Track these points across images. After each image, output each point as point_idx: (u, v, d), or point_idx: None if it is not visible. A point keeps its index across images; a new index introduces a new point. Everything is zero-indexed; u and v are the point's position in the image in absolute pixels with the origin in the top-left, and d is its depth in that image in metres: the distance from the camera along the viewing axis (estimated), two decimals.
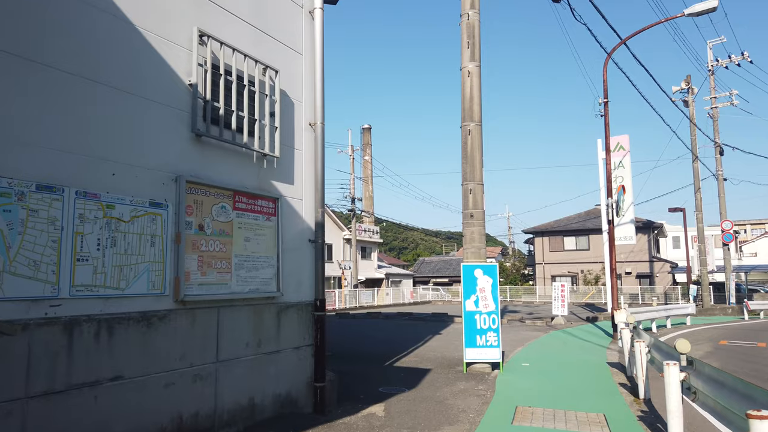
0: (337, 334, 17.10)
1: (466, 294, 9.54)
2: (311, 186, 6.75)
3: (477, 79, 10.09)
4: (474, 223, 9.78)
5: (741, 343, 14.78)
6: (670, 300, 36.17)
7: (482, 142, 9.98)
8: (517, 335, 15.99)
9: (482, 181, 9.92)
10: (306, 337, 6.50)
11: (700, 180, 30.34)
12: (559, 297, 20.79)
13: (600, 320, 21.63)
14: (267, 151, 5.98)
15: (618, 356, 11.67)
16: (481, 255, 9.83)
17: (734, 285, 30.66)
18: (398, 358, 11.31)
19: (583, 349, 13.10)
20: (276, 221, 6.12)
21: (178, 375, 4.84)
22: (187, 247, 5.01)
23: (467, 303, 9.51)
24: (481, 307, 9.49)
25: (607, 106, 16.28)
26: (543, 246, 45.76)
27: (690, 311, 21.62)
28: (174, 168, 4.99)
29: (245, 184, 5.78)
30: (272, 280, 6.00)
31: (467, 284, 9.55)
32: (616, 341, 15.00)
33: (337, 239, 42.94)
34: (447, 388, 8.14)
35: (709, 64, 32.34)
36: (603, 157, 24.84)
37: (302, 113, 6.75)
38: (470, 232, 9.81)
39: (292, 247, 6.39)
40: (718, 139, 31.53)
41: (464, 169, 9.95)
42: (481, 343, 9.42)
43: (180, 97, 5.10)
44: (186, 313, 4.97)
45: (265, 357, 5.86)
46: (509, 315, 24.88)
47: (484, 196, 10.03)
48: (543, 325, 19.63)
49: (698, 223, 30.39)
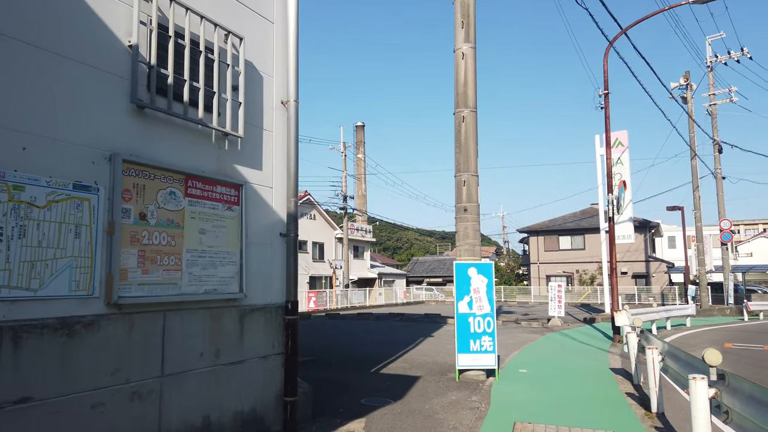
0: (323, 337, 16.28)
1: (459, 295, 8.75)
2: (283, 172, 5.93)
3: (472, 62, 9.30)
4: (468, 218, 8.98)
5: (747, 347, 14.07)
6: (666, 300, 35.56)
7: (477, 130, 9.19)
8: (512, 337, 15.23)
9: (477, 172, 9.12)
10: (275, 344, 5.67)
11: (698, 178, 29.72)
12: (555, 298, 20.07)
13: (598, 321, 20.92)
14: (229, 129, 5.15)
15: (621, 361, 10.92)
16: (475, 252, 9.03)
17: (732, 285, 30.06)
18: (386, 363, 10.50)
19: (582, 353, 12.34)
20: (239, 211, 5.30)
21: (110, 394, 4.01)
22: (123, 239, 4.19)
23: (460, 305, 8.72)
24: (476, 309, 8.70)
25: (607, 97, 15.54)
26: (538, 245, 45.10)
27: (690, 312, 20.96)
28: (108, 144, 4.16)
29: (201, 168, 4.96)
30: (234, 280, 5.17)
31: (460, 284, 8.76)
32: (617, 344, 14.27)
33: (328, 238, 42.11)
34: (437, 399, 7.34)
35: (708, 60, 31.72)
36: (602, 153, 24.16)
37: (273, 89, 5.93)
38: (464, 228, 9.01)
39: (260, 242, 5.57)
40: (717, 137, 30.92)
41: (457, 159, 9.15)
42: (475, 348, 8.63)
43: (116, 61, 4.27)
44: (121, 318, 4.14)
45: (224, 368, 5.03)
46: (504, 316, 24.14)
47: (479, 189, 9.24)
48: (539, 326, 18.89)
49: (696, 222, 29.77)
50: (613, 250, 15.61)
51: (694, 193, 29.87)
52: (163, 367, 4.45)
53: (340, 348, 13.29)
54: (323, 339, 15.65)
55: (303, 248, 39.20)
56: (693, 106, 29.81)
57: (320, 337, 16.09)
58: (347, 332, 17.67)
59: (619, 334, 14.82)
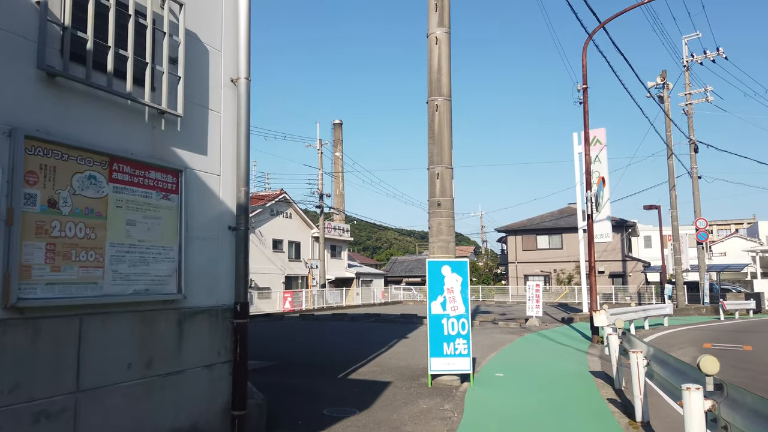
0: (293, 339, 15.61)
1: (432, 295, 8.20)
2: (232, 158, 5.30)
3: (446, 48, 8.76)
4: (441, 213, 8.44)
5: (727, 347, 13.83)
6: (643, 300, 35.65)
7: (451, 120, 8.66)
8: (489, 339, 14.77)
9: (451, 165, 8.59)
10: (222, 351, 5.04)
11: (675, 177, 29.76)
12: (533, 297, 19.71)
13: (576, 321, 20.63)
14: (165, 107, 4.51)
15: (601, 363, 10.51)
16: (449, 250, 8.50)
17: (708, 284, 30.18)
18: (356, 367, 9.91)
19: (561, 354, 11.92)
20: (178, 201, 4.65)
21: (8, 414, 3.35)
22: (26, 230, 3.52)
23: (433, 305, 8.17)
24: (449, 310, 8.16)
25: (586, 92, 15.19)
26: (516, 245, 44.97)
27: (668, 311, 20.81)
28: (7, 117, 3.49)
29: (130, 149, 4.30)
30: (170, 278, 4.53)
31: (433, 284, 8.21)
32: (595, 345, 13.91)
33: (305, 237, 41.36)
34: (407, 408, 6.78)
35: (684, 59, 31.83)
36: (580, 150, 23.94)
37: (221, 65, 5.29)
38: (437, 223, 8.47)
39: (204, 236, 4.94)
40: (693, 136, 31.03)
41: (431, 150, 8.60)
42: (448, 351, 8.09)
43: (20, 19, 3.60)
44: (23, 324, 3.48)
45: (158, 381, 4.39)
46: (481, 316, 23.74)
47: (454, 182, 8.71)
48: (517, 326, 18.49)
49: (673, 221, 29.82)
50: (592, 249, 15.27)
51: (671, 192, 29.91)
52: (79, 381, 3.79)
53: (310, 351, 12.66)
54: (293, 341, 14.99)
55: (279, 248, 38.42)
56: (669, 105, 29.87)
57: (290, 340, 15.43)
58: (319, 334, 17.03)
59: (597, 335, 14.47)
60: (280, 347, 13.43)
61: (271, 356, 11.43)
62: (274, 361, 10.52)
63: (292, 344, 14.23)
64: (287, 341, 15.00)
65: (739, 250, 49.47)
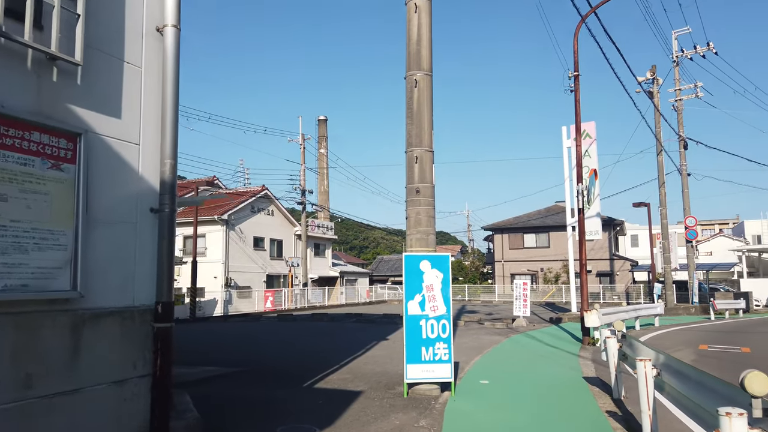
0: (264, 342, 14.57)
1: (409, 293, 7.25)
2: (155, 124, 4.29)
3: (427, 17, 7.81)
4: (420, 201, 7.49)
5: (724, 348, 13.07)
6: (631, 299, 35.08)
7: (432, 97, 7.71)
8: (474, 340, 13.87)
9: (432, 147, 7.64)
10: (138, 363, 4.04)
11: (664, 174, 29.16)
12: (520, 296, 18.87)
13: (564, 321, 19.84)
14: (56, 50, 3.50)
15: (594, 368, 9.64)
16: (429, 243, 7.55)
17: (697, 284, 29.64)
18: (326, 374, 8.93)
19: (551, 358, 11.04)
20: (75, 172, 3.64)
21: None
22: None
23: (410, 305, 7.22)
24: (428, 311, 7.22)
25: (577, 80, 14.35)
26: (502, 243, 44.24)
27: (658, 311, 20.12)
28: None
29: (1, 100, 3.29)
30: (61, 271, 3.52)
31: (410, 280, 7.26)
32: (587, 347, 13.08)
33: (288, 235, 40.25)
34: (376, 424, 5.82)
35: (674, 54, 31.24)
36: (569, 145, 23.17)
37: (142, 9, 4.29)
38: (415, 213, 7.52)
39: (115, 219, 3.93)
40: (683, 133, 30.47)
41: (409, 131, 7.65)
42: (427, 357, 7.14)
43: None
44: None
45: (42, 403, 3.38)
46: (467, 315, 22.88)
47: (435, 167, 7.77)
48: (503, 327, 17.63)
49: (662, 219, 29.21)
50: (583, 245, 14.45)
51: (660, 189, 29.29)
52: None
53: (279, 355, 11.65)
54: (263, 344, 13.97)
55: (260, 246, 37.29)
56: (659, 101, 29.24)
57: (261, 342, 14.41)
58: (294, 336, 16.02)
59: (589, 336, 13.65)
60: (249, 350, 12.41)
61: (236, 361, 10.41)
62: (237, 367, 9.50)
63: (262, 347, 13.22)
64: (258, 344, 13.98)
65: (725, 250, 49.24)
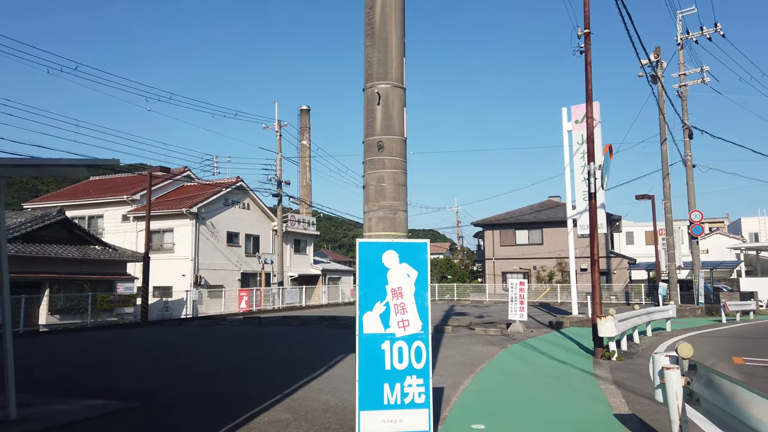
0: (199, 355, 11.97)
1: (365, 301, 4.76)
2: None
3: None
4: (385, 162, 5.00)
5: (764, 363, 10.75)
6: (630, 299, 32.94)
7: (404, 10, 5.21)
8: (464, 353, 11.42)
9: (403, 82, 5.15)
10: None
11: (668, 165, 26.97)
12: (516, 298, 16.47)
13: (566, 326, 17.50)
14: None
15: (623, 397, 7.24)
16: (396, 224, 5.07)
17: (703, 283, 27.51)
18: (257, 411, 6.41)
19: (563, 379, 8.61)
20: None
21: None
22: None
23: (366, 319, 4.74)
24: (395, 327, 4.75)
25: (588, 38, 11.96)
26: (493, 240, 41.92)
27: (671, 314, 17.92)
28: None
29: None
30: None
31: (367, 281, 4.78)
32: (601, 361, 10.70)
33: (264, 230, 37.63)
34: None
35: (678, 36, 29.04)
36: (569, 128, 20.75)
37: None
38: (377, 179, 5.03)
39: None
40: (688, 121, 28.29)
41: (369, 57, 5.15)
42: (392, 399, 4.67)
43: None
44: None
45: None
46: (455, 319, 20.47)
47: (407, 118, 5.27)
48: (497, 334, 15.22)
49: (666, 213, 27.04)
50: (595, 238, 12.10)
51: (664, 181, 27.12)
52: None
53: (208, 376, 9.10)
54: (196, 359, 11.40)
55: (234, 241, 34.66)
56: (664, 86, 27.00)
57: (195, 356, 11.84)
58: (245, 346, 13.47)
59: (602, 347, 11.27)
60: (172, 368, 9.88)
61: (143, 387, 7.87)
62: (134, 400, 6.92)
63: (193, 363, 10.66)
64: (190, 359, 11.42)
65: (722, 248, 47.34)
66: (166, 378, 8.77)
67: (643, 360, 11.02)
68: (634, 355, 11.75)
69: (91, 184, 41.20)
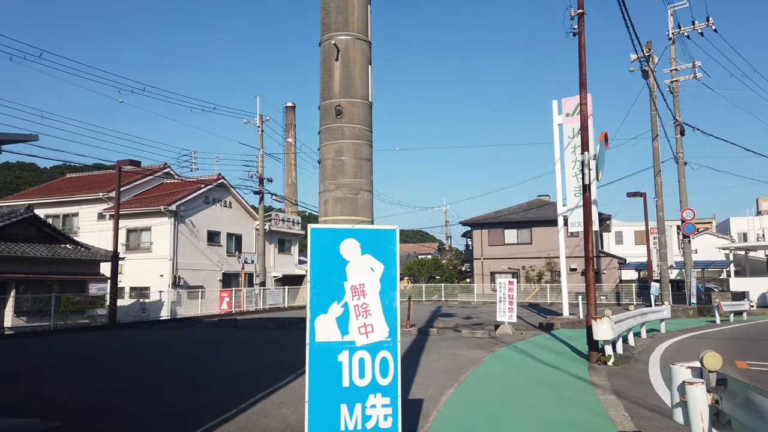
0: (156, 361, 10.97)
1: (318, 302, 3.85)
2: None
3: None
4: (344, 131, 4.08)
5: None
6: (621, 299, 32.32)
7: None
8: (448, 357, 10.54)
9: (368, 35, 4.24)
10: None
11: (660, 161, 26.34)
12: (505, 298, 15.62)
13: (557, 328, 16.69)
14: None
15: (624, 409, 6.40)
16: (359, 207, 4.17)
17: (695, 283, 26.92)
18: (205, 429, 5.47)
19: (558, 389, 7.74)
20: None
21: None
22: None
23: (319, 324, 3.83)
24: (355, 333, 3.84)
25: (582, 19, 11.15)
26: (482, 239, 41.15)
27: (665, 315, 17.16)
28: None
29: None
30: None
31: (321, 277, 3.87)
32: (596, 367, 9.87)
33: (247, 229, 36.56)
34: None
35: (669, 31, 28.44)
36: (559, 122, 19.93)
37: None
38: (335, 152, 4.11)
39: None
40: (679, 117, 27.70)
41: (326, 3, 4.22)
42: (350, 424, 3.76)
43: None
44: None
45: None
46: (441, 320, 19.61)
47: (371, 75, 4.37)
48: (485, 336, 14.36)
49: (658, 211, 26.38)
50: (590, 233, 11.28)
51: (656, 178, 26.45)
52: None
53: (157, 390, 8.10)
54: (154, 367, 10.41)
55: (215, 240, 33.57)
56: (655, 81, 26.36)
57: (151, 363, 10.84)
58: (211, 352, 12.48)
59: (596, 351, 10.44)
60: (120, 379, 8.89)
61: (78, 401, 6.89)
62: (58, 419, 5.94)
63: (147, 372, 9.67)
64: (146, 366, 10.43)
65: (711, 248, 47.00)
66: (107, 390, 7.78)
67: (641, 365, 10.22)
68: (631, 359, 10.94)
69: (66, 181, 39.85)
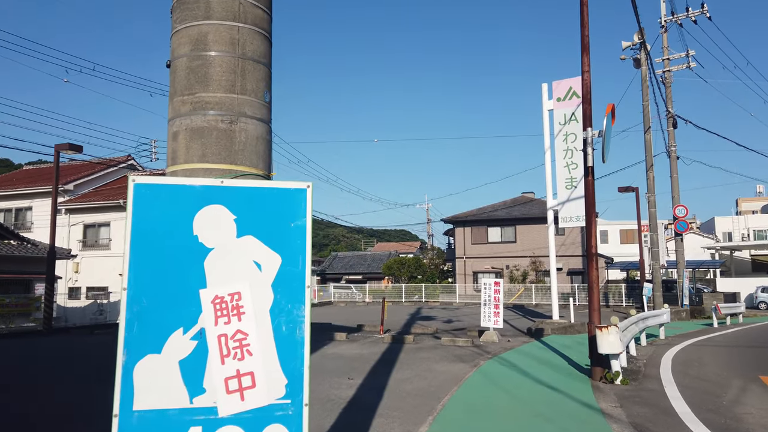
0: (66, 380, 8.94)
1: (144, 330, 1.95)
2: None
3: None
4: (212, 5, 2.17)
5: None
6: (609, 301, 30.89)
7: None
8: (423, 375, 8.69)
9: None
10: None
11: (652, 155, 24.88)
12: (490, 301, 13.88)
13: (547, 334, 15.00)
14: None
15: None
16: (236, 148, 2.24)
17: (687, 284, 25.56)
18: None
19: (560, 422, 5.94)
20: None
21: None
22: None
23: (143, 373, 1.93)
24: (218, 391, 1.96)
25: None
26: (464, 238, 39.50)
27: (665, 319, 15.64)
28: None
29: None
30: None
31: (148, 278, 1.96)
32: (602, 386, 8.12)
33: None
34: None
35: (662, 19, 27.05)
36: (550, 107, 18.11)
37: None
38: (192, 42, 2.18)
39: None
40: (672, 109, 26.31)
41: None
42: None
43: None
44: None
45: None
46: (419, 325, 17.80)
47: None
48: (468, 345, 12.55)
49: (650, 208, 24.91)
50: (593, 224, 9.59)
51: (648, 173, 24.97)
52: None
53: None
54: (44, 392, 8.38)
55: None
56: (651, 68, 24.89)
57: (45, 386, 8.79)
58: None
59: (601, 366, 8.69)
60: None
61: None
62: None
63: (27, 397, 7.65)
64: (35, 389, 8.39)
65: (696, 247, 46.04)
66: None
67: (653, 383, 8.49)
68: (639, 375, 9.22)
69: (21, 173, 37.29)
